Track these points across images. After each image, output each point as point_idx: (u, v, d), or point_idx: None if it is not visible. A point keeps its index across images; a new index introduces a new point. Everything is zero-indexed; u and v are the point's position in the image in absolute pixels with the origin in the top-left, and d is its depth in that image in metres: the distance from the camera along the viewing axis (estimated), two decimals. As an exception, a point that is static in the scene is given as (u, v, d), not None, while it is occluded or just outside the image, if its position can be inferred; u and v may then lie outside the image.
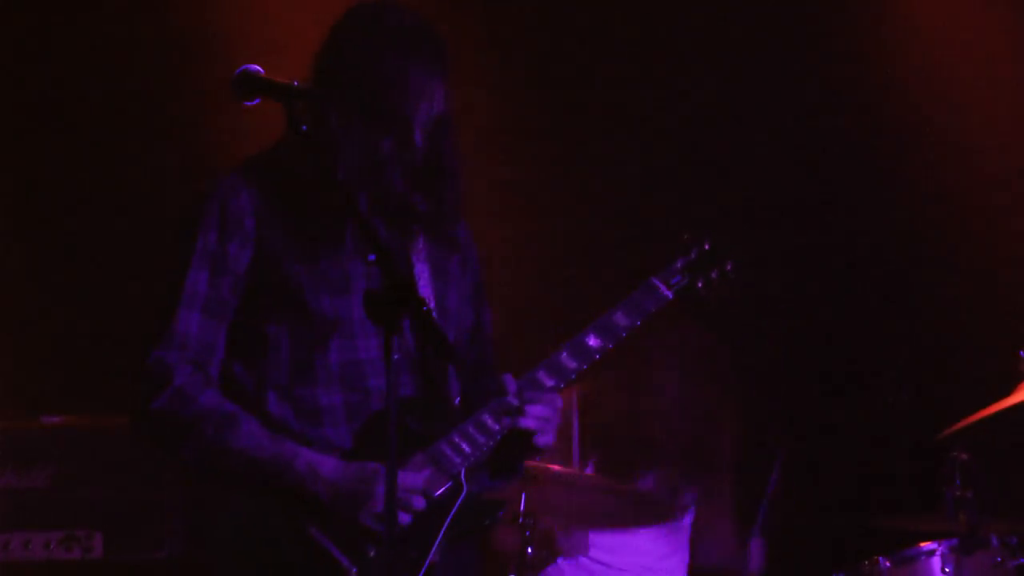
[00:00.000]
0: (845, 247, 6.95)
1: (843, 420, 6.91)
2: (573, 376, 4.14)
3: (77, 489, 5.95)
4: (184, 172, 6.34)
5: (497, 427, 4.07)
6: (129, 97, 6.65)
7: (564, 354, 4.15)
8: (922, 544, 5.33)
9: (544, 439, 4.09)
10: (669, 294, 4.28)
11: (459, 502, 4.01)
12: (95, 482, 5.96)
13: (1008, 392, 5.21)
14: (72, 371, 6.50)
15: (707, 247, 4.36)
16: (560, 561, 5.88)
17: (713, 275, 4.34)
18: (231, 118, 4.70)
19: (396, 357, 3.46)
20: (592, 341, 4.17)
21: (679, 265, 4.31)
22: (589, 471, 5.94)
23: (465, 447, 4.02)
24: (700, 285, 4.33)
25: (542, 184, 6.81)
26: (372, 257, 3.56)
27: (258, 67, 3.74)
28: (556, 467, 5.50)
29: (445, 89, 4.03)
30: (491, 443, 4.05)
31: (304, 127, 3.70)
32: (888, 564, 5.31)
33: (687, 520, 6.04)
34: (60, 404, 6.18)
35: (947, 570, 5.27)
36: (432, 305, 4.13)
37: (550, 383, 4.12)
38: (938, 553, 5.29)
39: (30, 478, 5.96)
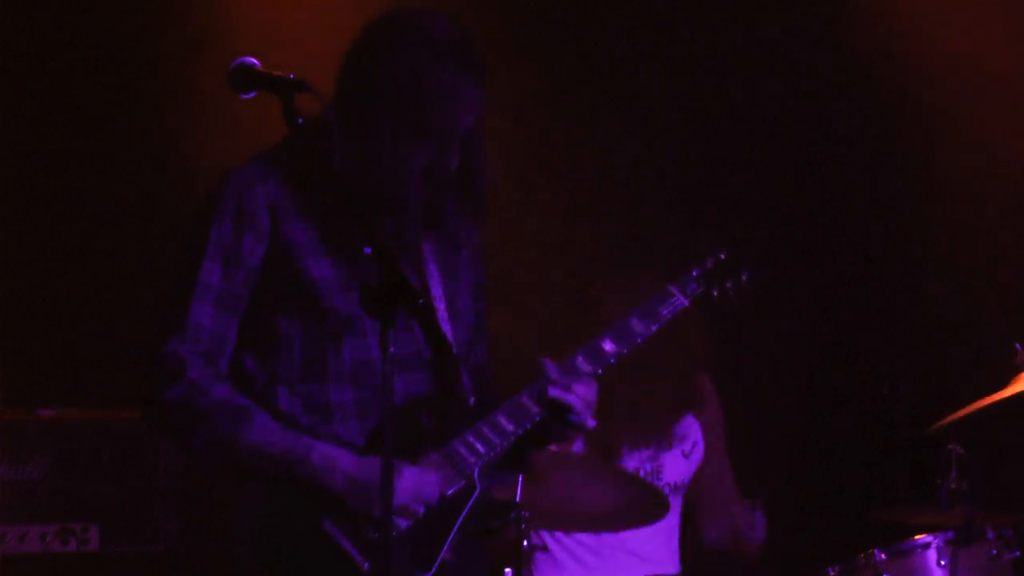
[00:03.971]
0: (843, 243, 6.95)
1: (839, 413, 6.92)
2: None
3: (73, 482, 5.95)
4: (182, 169, 6.33)
5: (511, 428, 4.07)
6: (130, 92, 6.64)
7: (579, 358, 4.16)
8: (918, 537, 5.33)
9: (580, 419, 4.10)
10: (685, 301, 4.30)
11: (471, 501, 4.02)
12: (91, 475, 5.96)
13: (1004, 385, 5.21)
14: (68, 364, 6.50)
15: (723, 257, 4.38)
16: (552, 549, 5.89)
17: (728, 285, 4.37)
18: (233, 113, 4.69)
19: (393, 351, 3.45)
20: (608, 346, 4.19)
21: (695, 274, 4.34)
22: (577, 448, 5.93)
23: (479, 447, 4.03)
24: (715, 294, 4.36)
25: (553, 189, 6.82)
26: (368, 250, 3.55)
27: (255, 60, 3.74)
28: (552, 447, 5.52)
29: (483, 101, 4.02)
30: (505, 444, 4.06)
31: (300, 120, 3.69)
32: (884, 557, 5.31)
33: (676, 507, 6.04)
34: (56, 397, 6.19)
35: (943, 563, 5.28)
36: (444, 305, 4.13)
37: None
38: (934, 546, 5.29)
39: (26, 471, 5.96)
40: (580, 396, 4.09)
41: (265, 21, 6.55)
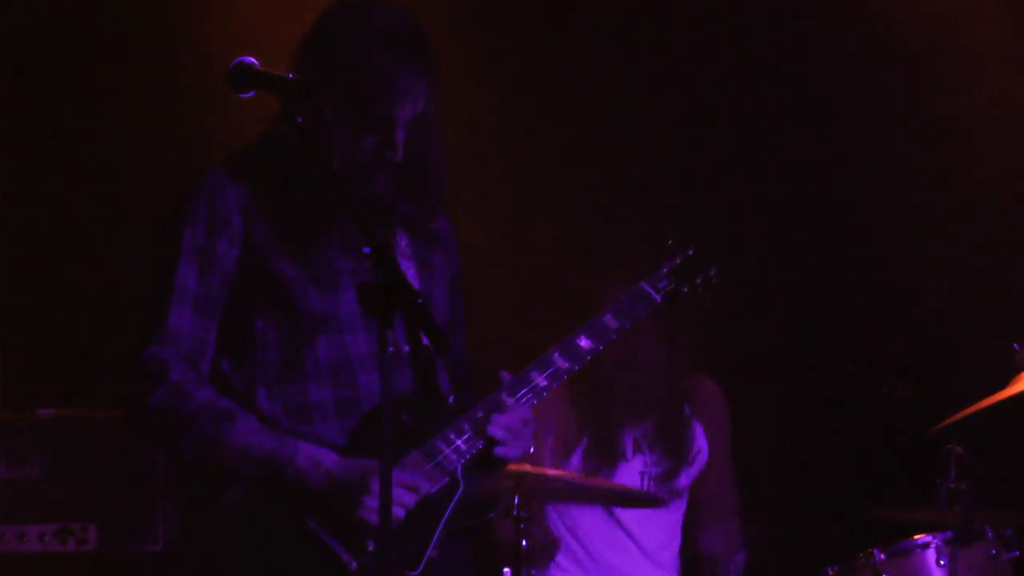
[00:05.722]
0: (842, 242, 6.95)
1: (838, 413, 6.91)
2: (565, 377, 4.17)
3: (71, 482, 5.94)
4: (179, 168, 6.32)
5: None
6: (124, 94, 6.64)
7: (555, 355, 4.17)
8: (917, 536, 5.33)
9: (505, 450, 4.09)
10: (658, 298, 4.36)
11: (456, 498, 4.02)
12: (89, 475, 5.95)
13: (1004, 385, 5.22)
14: (67, 363, 6.50)
15: (691, 253, 4.44)
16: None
17: (698, 280, 4.45)
18: (227, 114, 4.70)
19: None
20: (583, 342, 4.20)
21: (665, 270, 4.41)
22: (576, 458, 5.93)
23: (461, 444, 4.03)
24: (686, 290, 4.42)
25: (530, 185, 6.82)
26: (367, 249, 3.54)
27: (253, 59, 3.74)
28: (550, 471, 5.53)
29: (430, 88, 4.01)
30: (485, 441, 4.06)
31: (299, 119, 3.68)
32: (883, 556, 5.31)
33: (681, 508, 6.05)
34: (55, 396, 6.18)
35: (942, 562, 5.27)
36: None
37: (543, 383, 4.13)
38: (933, 545, 5.29)
39: (24, 470, 5.96)
40: (502, 426, 4.08)
41: (264, 20, 6.56)
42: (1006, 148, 6.64)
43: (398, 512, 3.93)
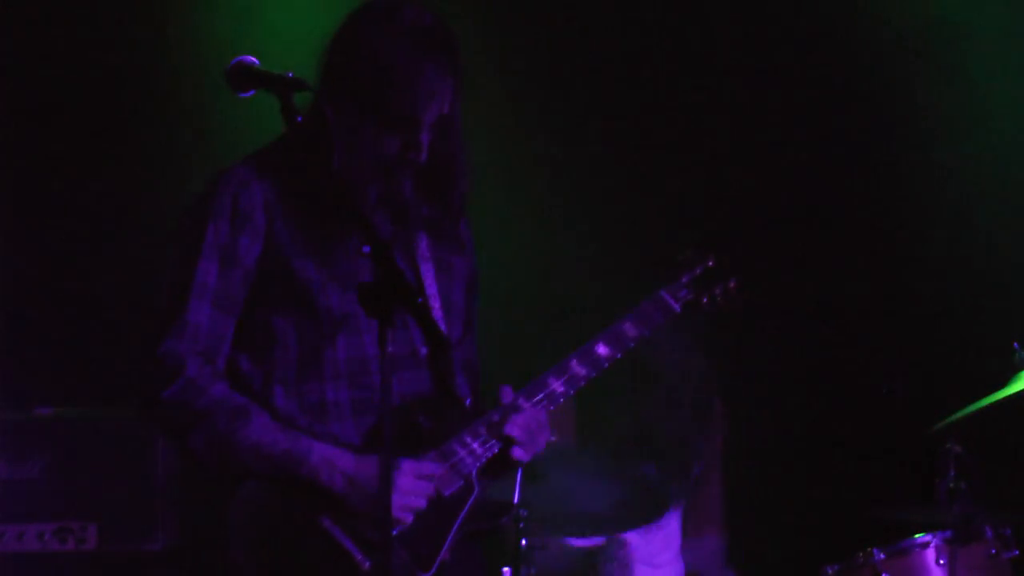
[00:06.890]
0: (841, 241, 6.95)
1: (838, 413, 6.91)
2: (582, 383, 4.17)
3: (71, 481, 5.94)
4: (180, 167, 6.34)
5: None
6: (130, 91, 6.65)
7: (573, 361, 4.17)
8: (916, 536, 5.33)
9: (521, 451, 4.09)
10: (677, 307, 4.36)
11: (470, 502, 4.02)
12: (89, 474, 5.95)
13: (1003, 384, 5.22)
14: (66, 363, 6.49)
15: (711, 264, 4.42)
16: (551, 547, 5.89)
17: (717, 291, 4.43)
18: (233, 111, 4.70)
19: (391, 350, 3.45)
20: (601, 349, 4.21)
21: (685, 280, 4.40)
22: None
23: (476, 447, 4.03)
24: (705, 300, 4.41)
25: (548, 189, 6.82)
26: (366, 249, 3.54)
27: (253, 58, 3.73)
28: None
29: (456, 90, 4.01)
30: (502, 444, 4.06)
31: (299, 118, 3.68)
32: (882, 555, 5.31)
33: (675, 521, 6.04)
34: (53, 396, 6.18)
35: (941, 562, 5.27)
36: (439, 303, 4.13)
37: (560, 389, 4.14)
38: (932, 544, 5.29)
39: (23, 470, 5.95)
40: (519, 426, 4.08)
41: (264, 18, 6.57)
42: (1008, 147, 6.64)
43: (419, 503, 3.93)
